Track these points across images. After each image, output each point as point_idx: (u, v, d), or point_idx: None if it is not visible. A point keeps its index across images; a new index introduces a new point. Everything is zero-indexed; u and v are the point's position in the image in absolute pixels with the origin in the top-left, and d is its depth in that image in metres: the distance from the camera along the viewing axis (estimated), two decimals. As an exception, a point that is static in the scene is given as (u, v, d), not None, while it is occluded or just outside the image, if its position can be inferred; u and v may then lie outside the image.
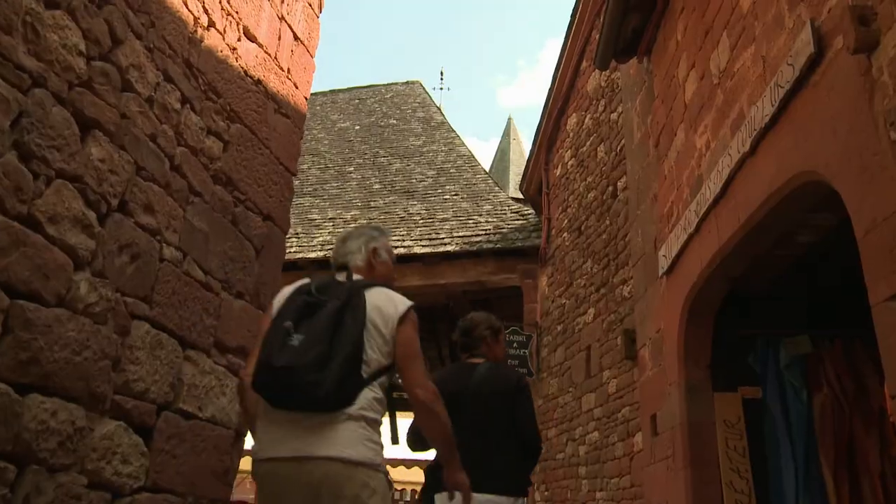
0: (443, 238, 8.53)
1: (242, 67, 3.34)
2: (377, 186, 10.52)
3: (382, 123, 12.72)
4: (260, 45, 3.49)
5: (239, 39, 3.31)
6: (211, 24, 3.11)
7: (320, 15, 4.15)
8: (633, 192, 5.95)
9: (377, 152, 11.65)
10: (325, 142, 12.41)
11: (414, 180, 10.50)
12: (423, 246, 8.46)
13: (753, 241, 3.82)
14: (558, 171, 7.92)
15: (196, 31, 3.00)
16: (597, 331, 6.44)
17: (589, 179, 6.96)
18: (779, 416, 4.56)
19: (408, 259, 8.52)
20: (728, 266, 4.16)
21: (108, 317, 2.48)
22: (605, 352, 6.25)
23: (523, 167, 28.12)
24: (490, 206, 9.31)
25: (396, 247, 8.61)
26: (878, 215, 2.52)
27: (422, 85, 14.16)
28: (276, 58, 3.62)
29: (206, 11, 3.06)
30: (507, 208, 9.14)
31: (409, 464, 11.81)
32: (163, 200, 2.78)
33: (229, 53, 3.23)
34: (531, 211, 8.89)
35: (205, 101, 3.06)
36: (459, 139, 11.68)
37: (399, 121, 12.73)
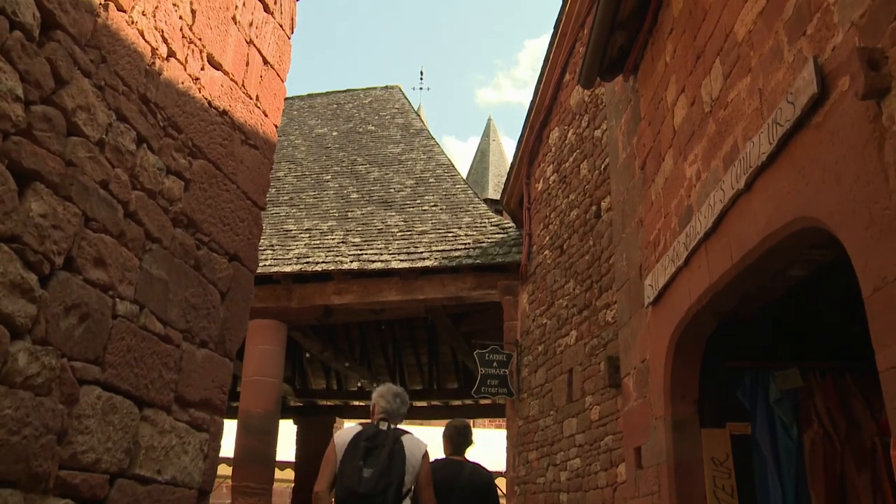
0: (421, 252, 8.32)
1: (206, 98, 3.10)
2: (355, 196, 10.27)
3: (361, 130, 12.45)
4: (226, 73, 3.25)
5: (202, 68, 3.07)
6: (171, 53, 2.87)
7: (292, 35, 3.92)
8: (617, 213, 5.79)
9: (355, 160, 11.39)
10: (303, 148, 12.12)
11: (392, 190, 10.26)
12: (401, 260, 8.24)
13: (746, 279, 3.67)
14: (540, 186, 7.74)
15: (154, 62, 2.75)
16: (579, 354, 6.28)
17: (571, 197, 6.79)
18: (768, 454, 4.43)
19: (385, 274, 8.30)
20: (718, 303, 4.00)
21: (53, 387, 2.23)
22: (588, 377, 6.09)
23: (503, 168, 28.05)
24: (470, 219, 9.11)
25: (374, 260, 8.39)
26: (888, 274, 2.36)
27: (401, 90, 13.90)
28: (243, 85, 3.38)
29: (165, 41, 2.82)
30: (487, 221, 8.95)
31: None
32: (116, 252, 2.54)
33: (191, 84, 2.99)
34: (511, 224, 8.70)
35: (164, 138, 2.82)
36: (439, 147, 11.45)
37: (377, 127, 12.47)
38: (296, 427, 15.54)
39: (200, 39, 3.05)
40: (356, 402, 15.57)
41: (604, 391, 5.85)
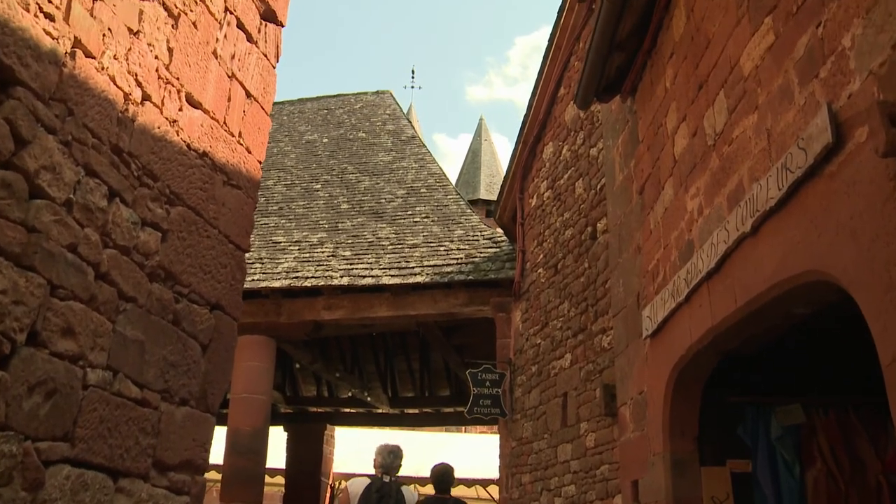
0: (412, 267, 8.15)
1: (184, 141, 2.92)
2: (345, 206, 10.08)
3: (351, 136, 12.24)
4: (206, 112, 3.07)
5: (180, 109, 2.89)
6: (146, 97, 2.69)
7: (277, 64, 3.74)
8: (614, 237, 5.65)
9: (345, 168, 11.19)
10: (292, 155, 11.90)
11: (383, 200, 10.08)
12: (392, 276, 8.07)
13: (751, 323, 3.54)
14: (534, 202, 7.59)
15: (127, 109, 2.58)
16: (574, 378, 6.14)
17: (566, 216, 6.64)
18: (770, 493, 4.30)
19: (376, 289, 8.12)
20: (720, 343, 3.87)
21: (14, 475, 2.06)
22: (583, 402, 5.95)
23: (495, 168, 27.93)
24: (462, 231, 8.94)
25: (364, 276, 8.22)
26: (909, 343, 2.22)
27: (392, 95, 13.69)
28: (225, 123, 3.21)
29: (139, 85, 2.64)
30: (479, 234, 8.78)
31: None
32: (86, 318, 2.36)
33: (168, 128, 2.81)
34: (504, 238, 8.55)
35: (139, 188, 2.64)
36: (430, 155, 11.27)
37: (368, 134, 12.26)
38: (286, 434, 15.36)
39: (178, 79, 2.88)
40: (347, 410, 15.39)
41: (599, 419, 5.71)
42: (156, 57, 2.74)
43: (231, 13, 3.27)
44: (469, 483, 15.03)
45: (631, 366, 5.09)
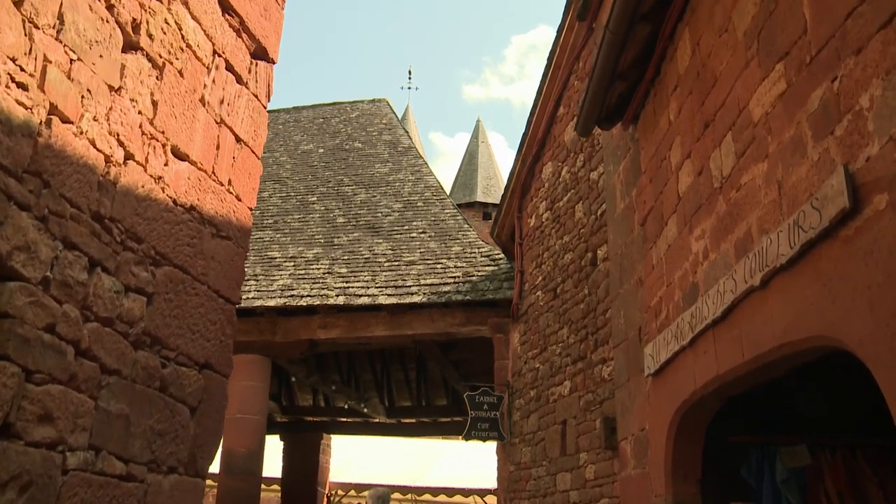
0: (409, 286, 8.03)
1: (170, 197, 2.80)
2: (341, 220, 9.94)
3: (347, 147, 12.09)
4: (193, 163, 2.95)
5: (166, 164, 2.77)
6: (129, 156, 2.57)
7: (269, 103, 3.62)
8: (614, 266, 5.53)
9: (341, 180, 11.05)
10: (288, 166, 11.75)
11: (380, 214, 9.94)
12: (388, 295, 7.95)
13: (759, 374, 3.42)
14: (532, 222, 7.47)
15: (108, 172, 2.45)
16: (573, 406, 6.04)
17: (566, 239, 6.53)
18: (776, 538, 4.21)
19: (373, 308, 8.00)
20: (726, 389, 3.76)
21: (-13, 577, 1.94)
22: (583, 432, 5.85)
23: (492, 170, 27.80)
24: (459, 248, 8.82)
25: (360, 294, 8.09)
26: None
27: (388, 103, 13.54)
28: (213, 172, 3.08)
29: (121, 144, 2.51)
30: (476, 251, 8.66)
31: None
32: (65, 400, 2.24)
33: (153, 186, 2.69)
34: (502, 256, 8.43)
35: (122, 252, 2.52)
36: (427, 167, 11.14)
37: (364, 144, 12.12)
38: (282, 443, 15.24)
39: (163, 132, 2.75)
40: (344, 419, 15.26)
41: (599, 451, 5.61)
42: (139, 112, 2.62)
43: (219, 56, 3.14)
44: (466, 493, 14.94)
45: (632, 400, 4.99)
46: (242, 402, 8.24)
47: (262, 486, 10.50)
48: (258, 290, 8.42)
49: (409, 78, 34.81)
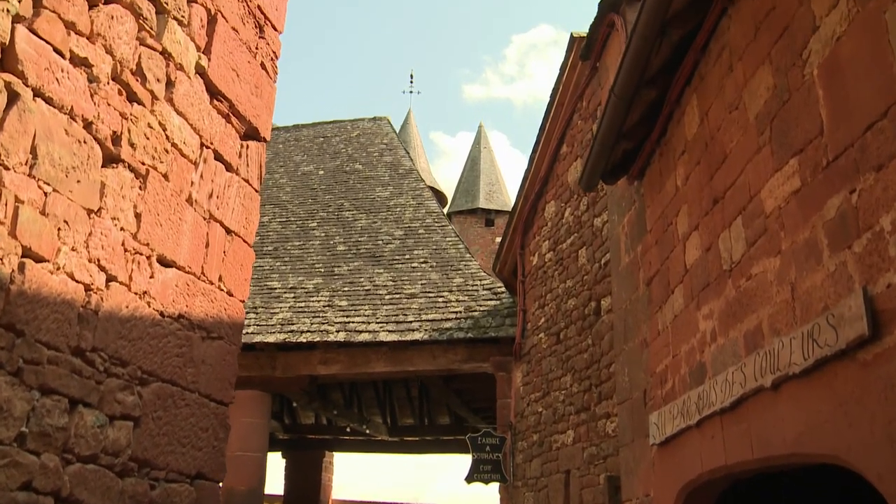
0: (410, 321, 7.91)
1: (157, 310, 2.68)
2: (341, 248, 9.83)
3: (348, 169, 11.96)
4: (181, 268, 2.83)
5: (152, 276, 2.65)
6: (111, 278, 2.45)
7: (260, 186, 3.50)
8: (619, 320, 5.41)
9: (342, 204, 10.92)
10: (288, 189, 11.62)
11: (380, 241, 9.82)
12: (389, 331, 7.84)
13: (768, 468, 3.31)
14: (535, 261, 7.34)
15: (89, 301, 2.33)
16: (577, 457, 5.92)
17: (569, 283, 6.40)
18: None
19: (373, 345, 7.89)
20: (733, 476, 3.65)
21: None
22: (587, 485, 5.74)
23: (494, 176, 27.66)
24: (461, 280, 8.70)
25: (361, 331, 7.98)
26: None
27: (389, 122, 13.38)
28: (203, 273, 2.96)
29: (102, 269, 2.40)
30: (478, 283, 8.54)
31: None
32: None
33: (138, 303, 2.57)
34: (503, 289, 8.30)
35: (106, 380, 2.40)
36: (428, 191, 11.01)
37: (365, 166, 11.98)
38: (284, 461, 15.16)
39: (148, 244, 2.64)
40: (347, 437, 15.18)
41: (604, 508, 5.49)
42: (122, 229, 2.50)
43: (208, 147, 3.02)
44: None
45: (637, 463, 4.88)
46: (242, 439, 8.14)
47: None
48: (258, 325, 8.32)
49: (411, 82, 34.54)
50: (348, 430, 13.20)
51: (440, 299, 8.29)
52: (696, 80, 4.04)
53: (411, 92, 38.70)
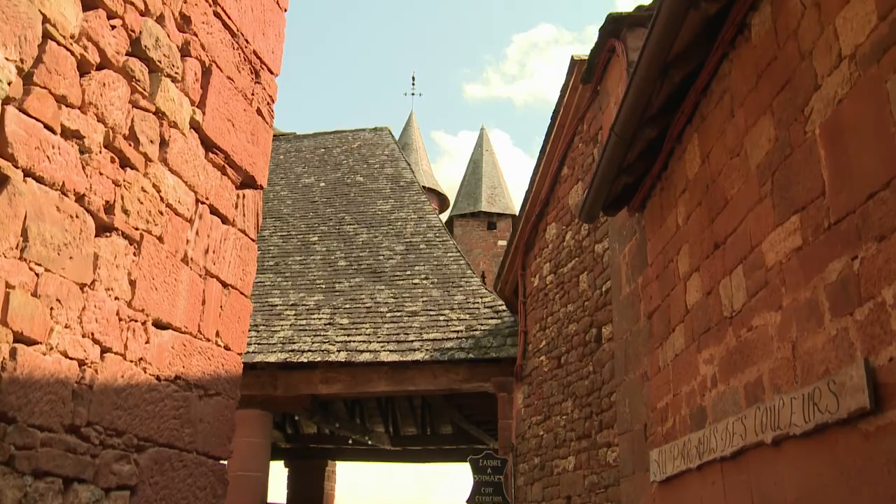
0: (411, 341, 7.90)
1: (153, 375, 2.66)
2: (342, 263, 9.82)
3: (349, 181, 11.95)
4: (177, 329, 2.80)
5: (147, 342, 2.63)
6: (106, 350, 2.43)
7: (257, 233, 3.48)
8: (620, 350, 5.39)
9: (343, 217, 10.91)
10: (289, 202, 11.61)
11: (382, 257, 9.81)
12: (390, 351, 7.82)
13: (771, 520, 3.28)
14: (536, 282, 7.32)
15: (84, 376, 2.31)
16: (578, 484, 5.91)
17: (570, 308, 6.38)
18: None
19: (374, 365, 7.87)
20: (737, 523, 3.62)
21: None
22: (589, 513, 5.71)
23: (496, 180, 27.58)
24: (462, 297, 8.68)
25: (362, 350, 7.97)
26: None
27: (390, 132, 13.36)
28: (199, 331, 2.94)
29: (96, 342, 2.37)
30: (480, 301, 8.52)
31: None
32: None
33: (134, 371, 2.55)
34: (505, 308, 8.28)
35: (102, 453, 2.38)
36: (429, 205, 10.99)
37: (366, 178, 11.97)
38: (286, 470, 15.16)
39: (143, 310, 2.61)
40: (348, 447, 15.17)
41: (606, 538, 5.48)
42: (116, 298, 2.48)
43: (203, 203, 3.00)
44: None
45: (637, 496, 4.86)
46: (244, 459, 8.13)
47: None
48: (259, 343, 8.31)
49: (413, 84, 34.48)
50: (350, 441, 13.18)
51: (441, 317, 8.28)
52: (697, 118, 4.01)
53: (413, 94, 38.58)
